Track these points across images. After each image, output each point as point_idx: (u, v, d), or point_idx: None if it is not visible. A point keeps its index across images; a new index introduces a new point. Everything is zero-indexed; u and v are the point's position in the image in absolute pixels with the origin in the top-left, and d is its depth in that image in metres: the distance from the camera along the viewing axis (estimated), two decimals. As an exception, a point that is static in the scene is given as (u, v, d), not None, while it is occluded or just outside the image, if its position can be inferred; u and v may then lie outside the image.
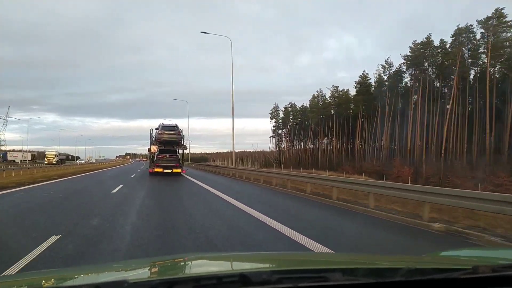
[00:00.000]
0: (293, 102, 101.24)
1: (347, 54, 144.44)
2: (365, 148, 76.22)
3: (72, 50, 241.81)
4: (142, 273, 1.52)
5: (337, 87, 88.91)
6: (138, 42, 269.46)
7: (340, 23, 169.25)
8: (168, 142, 25.33)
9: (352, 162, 70.07)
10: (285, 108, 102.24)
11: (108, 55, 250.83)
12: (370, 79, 78.13)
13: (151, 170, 24.79)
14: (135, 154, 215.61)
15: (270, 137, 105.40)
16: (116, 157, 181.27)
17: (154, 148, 25.42)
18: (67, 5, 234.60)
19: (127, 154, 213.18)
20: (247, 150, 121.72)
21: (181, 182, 19.70)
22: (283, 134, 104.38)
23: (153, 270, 1.60)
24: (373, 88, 75.54)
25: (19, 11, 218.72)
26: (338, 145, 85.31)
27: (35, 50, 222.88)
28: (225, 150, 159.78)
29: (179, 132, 25.70)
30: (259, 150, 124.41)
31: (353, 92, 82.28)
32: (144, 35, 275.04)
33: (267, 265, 1.76)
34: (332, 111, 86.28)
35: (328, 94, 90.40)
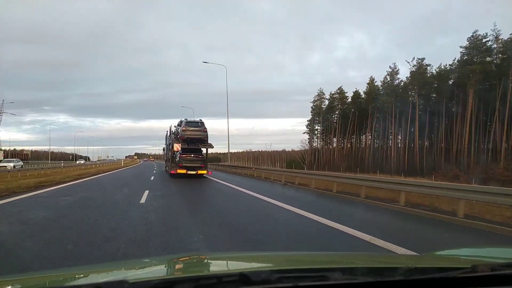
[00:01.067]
0: (342, 87, 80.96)
1: (358, 53, 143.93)
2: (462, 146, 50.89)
3: (86, 51, 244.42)
4: (142, 273, 1.53)
5: (422, 59, 60.41)
6: (151, 43, 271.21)
7: (352, 21, 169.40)
8: (192, 139, 22.69)
9: (452, 165, 45.33)
10: (331, 95, 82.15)
11: (121, 56, 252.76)
12: (488, 40, 50.50)
13: (173, 172, 22.40)
14: (144, 154, 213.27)
15: (304, 133, 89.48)
16: (126, 157, 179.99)
17: (177, 147, 22.62)
18: (81, 6, 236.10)
19: (135, 154, 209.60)
20: (261, 150, 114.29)
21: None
22: (319, 129, 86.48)
23: (153, 270, 1.60)
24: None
25: (33, 13, 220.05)
26: (423, 141, 60.16)
27: (48, 51, 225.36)
28: (233, 150, 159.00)
29: (205, 128, 22.87)
30: (279, 150, 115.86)
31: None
32: (157, 36, 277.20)
33: (267, 265, 1.76)
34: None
35: (405, 71, 69.26)
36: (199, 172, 22.19)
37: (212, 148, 24.45)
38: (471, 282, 1.18)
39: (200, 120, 23.86)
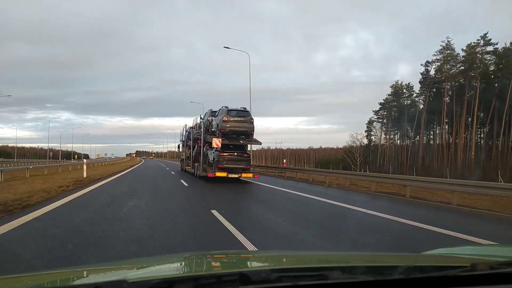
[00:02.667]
0: (487, 34, 47.89)
1: (363, 52, 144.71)
2: None
3: (90, 49, 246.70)
4: (141, 273, 1.52)
5: None
6: (155, 41, 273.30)
7: (358, 20, 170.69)
8: (235, 133, 18.17)
9: None
10: (451, 54, 50.90)
11: (125, 54, 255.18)
12: None
13: (210, 175, 17.32)
14: (146, 152, 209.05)
15: (367, 124, 68.56)
16: (126, 155, 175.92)
17: (217, 142, 17.37)
18: (87, 5, 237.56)
19: (136, 152, 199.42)
20: (279, 148, 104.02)
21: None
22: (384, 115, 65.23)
23: (152, 269, 1.60)
24: None
25: (37, 11, 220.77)
26: None
27: (53, 49, 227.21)
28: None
29: (251, 119, 18.22)
30: (304, 148, 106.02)
31: None
32: (161, 34, 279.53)
33: (267, 264, 1.76)
34: None
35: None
36: (244, 175, 17.62)
37: (260, 144, 19.44)
38: (470, 281, 1.18)
39: (245, 108, 18.99)
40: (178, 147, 34.19)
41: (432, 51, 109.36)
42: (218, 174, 17.04)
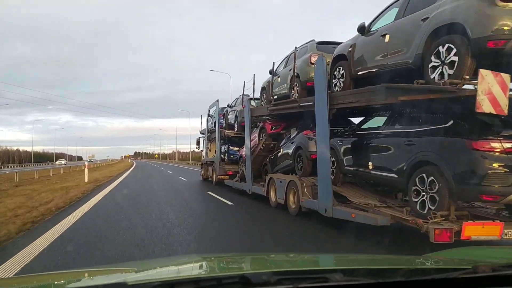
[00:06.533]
0: None
1: None
2: None
3: (91, 49, 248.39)
4: (141, 275, 1.52)
5: None
6: (157, 39, 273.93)
7: (364, 16, 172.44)
8: None
9: None
10: None
11: (128, 53, 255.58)
12: None
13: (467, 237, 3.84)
14: (146, 153, 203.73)
15: None
16: (123, 157, 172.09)
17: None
18: (87, 3, 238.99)
19: (135, 153, 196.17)
20: None
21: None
22: None
23: (153, 271, 1.59)
24: None
25: (37, 9, 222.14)
26: None
27: (54, 49, 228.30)
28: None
29: None
30: None
31: None
32: (163, 33, 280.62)
33: (267, 266, 1.76)
34: None
35: None
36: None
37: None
38: (472, 283, 1.17)
39: None
40: (197, 143, 20.57)
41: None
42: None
